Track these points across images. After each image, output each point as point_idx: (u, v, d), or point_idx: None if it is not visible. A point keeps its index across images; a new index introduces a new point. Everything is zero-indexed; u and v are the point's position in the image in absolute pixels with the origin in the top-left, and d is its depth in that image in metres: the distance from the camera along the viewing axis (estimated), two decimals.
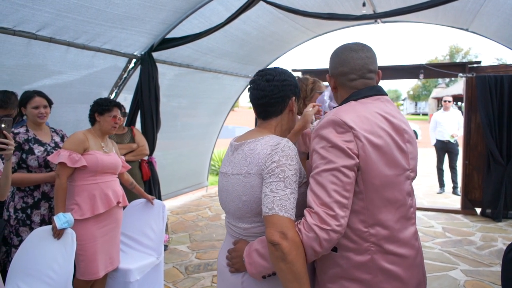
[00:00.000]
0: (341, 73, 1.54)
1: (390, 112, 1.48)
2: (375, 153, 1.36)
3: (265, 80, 1.59)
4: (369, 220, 1.40)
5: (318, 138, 1.40)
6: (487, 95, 5.88)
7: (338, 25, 6.44)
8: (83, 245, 2.84)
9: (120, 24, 3.83)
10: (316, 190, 1.33)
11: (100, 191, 2.93)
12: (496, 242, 5.03)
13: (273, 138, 1.52)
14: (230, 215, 1.64)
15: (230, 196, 1.58)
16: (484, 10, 4.71)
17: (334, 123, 1.38)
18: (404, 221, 1.47)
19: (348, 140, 1.35)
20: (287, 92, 1.60)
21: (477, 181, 6.31)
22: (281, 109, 1.61)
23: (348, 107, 1.47)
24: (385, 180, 1.39)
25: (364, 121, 1.39)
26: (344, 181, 1.32)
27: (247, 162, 1.51)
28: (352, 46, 1.54)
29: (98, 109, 3.00)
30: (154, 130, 4.67)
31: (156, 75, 4.64)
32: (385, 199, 1.40)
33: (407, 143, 1.48)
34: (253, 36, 5.67)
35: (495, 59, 32.83)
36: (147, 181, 4.58)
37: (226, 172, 1.61)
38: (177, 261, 4.49)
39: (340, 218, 1.29)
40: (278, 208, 1.33)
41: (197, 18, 4.54)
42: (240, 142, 1.60)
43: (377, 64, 1.57)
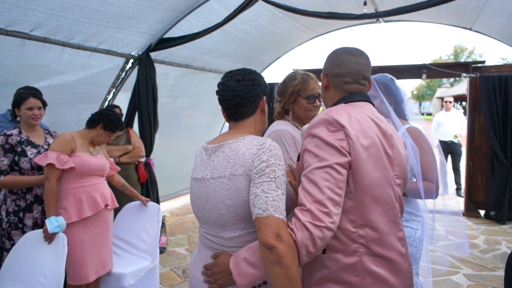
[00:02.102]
0: (336, 74, 1.55)
1: (379, 117, 1.51)
2: (364, 153, 1.37)
3: (235, 80, 1.54)
4: (358, 220, 1.38)
5: (310, 137, 1.39)
6: (491, 95, 5.78)
7: (339, 24, 6.36)
8: (70, 249, 2.77)
9: (116, 24, 3.77)
10: (308, 188, 1.30)
11: (87, 195, 2.87)
12: (500, 245, 4.93)
13: (255, 137, 1.48)
14: (209, 225, 1.54)
15: (210, 203, 1.49)
16: (488, 9, 4.61)
17: (326, 122, 1.39)
18: (393, 225, 1.45)
19: (340, 139, 1.35)
20: (258, 91, 1.56)
21: (480, 183, 6.21)
22: (253, 109, 1.57)
23: (339, 108, 1.47)
24: (374, 181, 1.39)
25: (355, 121, 1.40)
26: (337, 178, 1.31)
27: (230, 163, 1.44)
28: (352, 51, 1.56)
29: (107, 125, 2.96)
30: (152, 131, 4.61)
31: (154, 75, 4.58)
32: (374, 200, 1.40)
33: (393, 148, 1.48)
34: (253, 36, 5.60)
35: (500, 58, 32.59)
36: (145, 183, 4.52)
37: (203, 177, 1.53)
38: (175, 264, 4.42)
39: (334, 215, 1.27)
40: (272, 209, 1.29)
41: (195, 17, 4.47)
42: (218, 144, 1.53)
43: (371, 71, 1.59)
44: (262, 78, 1.62)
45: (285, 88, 2.14)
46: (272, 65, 7.44)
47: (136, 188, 4.33)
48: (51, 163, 2.68)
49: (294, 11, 3.89)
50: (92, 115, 3.00)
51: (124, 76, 4.71)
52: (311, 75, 2.18)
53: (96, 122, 2.96)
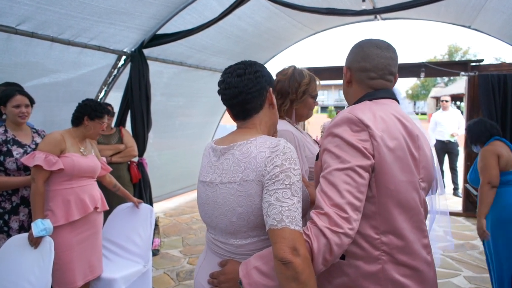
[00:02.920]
0: (361, 69, 1.46)
1: (405, 116, 1.42)
2: (390, 156, 1.28)
3: (236, 76, 1.40)
4: (381, 226, 1.31)
5: (331, 137, 1.31)
6: (490, 94, 5.70)
7: (337, 21, 6.26)
8: (57, 253, 2.64)
9: (107, 19, 3.64)
10: (327, 190, 1.22)
11: (75, 196, 2.75)
12: None
13: (268, 138, 1.35)
14: (218, 231, 1.43)
15: (219, 209, 1.37)
16: (489, 5, 4.53)
17: (349, 121, 1.30)
18: (418, 232, 1.37)
19: (364, 139, 1.27)
20: (262, 84, 1.42)
21: None
22: (260, 104, 1.43)
23: (363, 106, 1.39)
24: (399, 185, 1.30)
25: (380, 121, 1.32)
26: (358, 182, 1.22)
27: (241, 168, 1.32)
28: (379, 43, 1.46)
29: (91, 114, 2.81)
30: (145, 130, 4.48)
31: (147, 73, 4.45)
32: (399, 206, 1.31)
33: (419, 150, 1.39)
34: (249, 33, 5.48)
35: (494, 58, 32.73)
36: (137, 183, 4.39)
37: (212, 181, 1.41)
38: (168, 267, 4.30)
39: (353, 221, 1.19)
40: (288, 220, 1.17)
41: (189, 13, 4.35)
42: (227, 146, 1.40)
43: (397, 66, 1.50)
44: (265, 68, 1.48)
45: (297, 85, 1.99)
46: (268, 63, 7.32)
47: (129, 189, 4.20)
48: (38, 164, 2.55)
49: (291, 7, 3.78)
50: (73, 113, 2.86)
51: (116, 73, 4.57)
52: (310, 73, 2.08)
53: (80, 117, 2.83)
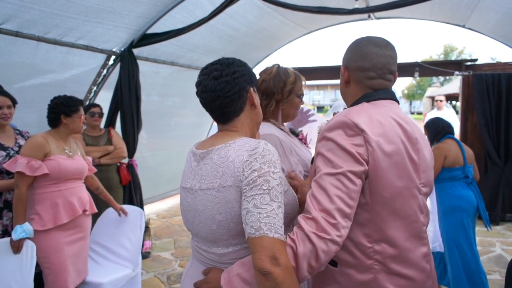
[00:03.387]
0: (359, 68, 1.40)
1: (404, 118, 1.36)
2: (386, 161, 1.23)
3: (212, 78, 1.32)
4: (374, 234, 1.26)
5: (324, 140, 1.27)
6: (484, 94, 5.67)
7: (330, 21, 6.21)
8: (47, 257, 2.58)
9: (94, 18, 3.57)
10: (317, 195, 1.18)
11: (63, 199, 2.67)
12: (494, 247, 4.82)
13: (247, 141, 1.27)
14: (200, 239, 1.37)
15: (199, 216, 1.31)
16: (482, 4, 4.49)
17: (344, 124, 1.25)
18: (415, 240, 1.32)
19: (358, 144, 1.22)
20: (241, 84, 1.34)
21: None
22: (240, 106, 1.36)
23: (360, 108, 1.34)
24: (395, 192, 1.25)
25: (377, 125, 1.27)
26: (349, 188, 1.18)
27: (219, 173, 1.25)
28: (377, 41, 1.40)
29: (66, 111, 2.72)
30: (135, 131, 4.41)
31: (137, 73, 4.38)
32: (394, 213, 1.27)
33: (418, 154, 1.34)
34: (241, 32, 5.42)
35: (489, 58, 32.82)
36: (127, 185, 4.32)
37: (192, 187, 1.35)
38: (159, 270, 4.23)
39: (341, 228, 1.14)
40: (266, 228, 1.12)
41: (179, 12, 4.28)
42: (206, 150, 1.34)
43: (397, 65, 1.44)
44: (245, 66, 1.39)
45: (283, 84, 1.90)
46: (262, 62, 7.26)
47: (118, 191, 4.14)
48: (20, 171, 2.48)
49: (282, 6, 3.72)
50: (47, 116, 2.76)
51: (105, 73, 4.50)
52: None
53: (56, 118, 2.73)
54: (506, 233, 5.35)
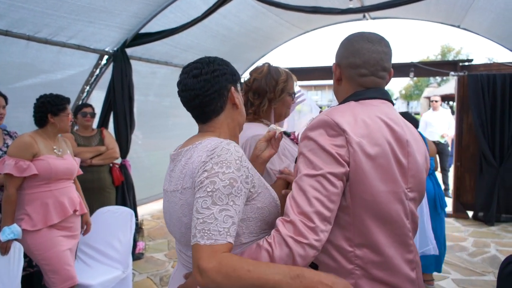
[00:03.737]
0: (351, 65, 1.33)
1: (394, 119, 1.28)
2: (368, 164, 1.17)
3: (192, 77, 1.30)
4: (355, 238, 1.21)
5: (306, 140, 1.22)
6: (479, 95, 5.66)
7: (326, 21, 6.19)
8: (43, 253, 2.55)
9: (86, 17, 3.54)
10: (296, 197, 1.14)
11: (54, 199, 2.64)
12: (488, 248, 4.81)
13: (212, 141, 1.23)
14: (177, 241, 1.36)
15: (172, 219, 1.30)
16: (477, 4, 4.47)
17: (325, 124, 1.20)
18: (400, 247, 1.26)
19: (339, 145, 1.17)
20: (222, 83, 1.31)
21: (469, 184, 6.10)
22: (220, 105, 1.33)
23: (345, 107, 1.27)
24: (378, 196, 1.19)
25: (361, 125, 1.20)
26: (329, 190, 1.13)
27: (183, 174, 1.23)
28: (370, 36, 1.33)
29: (52, 110, 2.68)
30: (128, 131, 4.38)
31: (130, 72, 4.35)
32: (378, 218, 1.21)
33: (408, 157, 1.27)
34: (235, 32, 5.39)
35: (486, 58, 32.89)
36: (120, 186, 4.28)
37: (166, 189, 1.33)
38: (152, 271, 4.20)
39: (320, 232, 1.09)
40: (199, 235, 1.05)
41: (173, 11, 4.25)
42: (176, 152, 1.32)
43: (391, 61, 1.37)
44: (227, 65, 1.36)
45: (274, 83, 1.86)
46: (257, 62, 7.23)
47: (111, 192, 4.11)
48: (8, 173, 2.45)
49: (276, 5, 3.70)
50: (34, 115, 2.72)
51: (98, 73, 4.46)
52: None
53: (43, 117, 2.69)
54: (501, 234, 5.34)
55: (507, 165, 5.61)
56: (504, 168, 5.62)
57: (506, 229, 5.55)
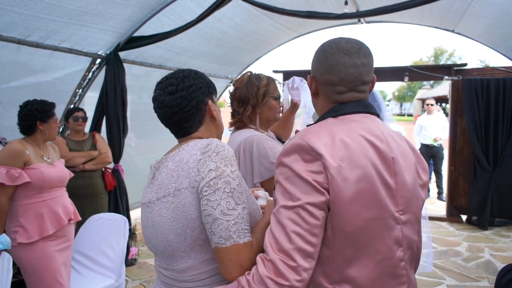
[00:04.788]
0: (326, 82, 1.20)
1: (378, 135, 1.14)
2: (349, 190, 1.05)
3: (168, 94, 1.28)
4: (335, 275, 1.09)
5: (281, 167, 1.11)
6: (473, 99, 5.68)
7: (320, 24, 6.18)
8: (37, 269, 2.50)
9: (78, 21, 3.48)
10: (275, 232, 1.04)
11: (48, 209, 2.59)
12: (483, 253, 4.82)
13: (199, 141, 1.23)
14: (160, 256, 1.30)
15: (157, 229, 1.25)
16: (472, 10, 4.48)
17: (299, 148, 1.08)
18: (388, 279, 1.13)
19: (317, 171, 1.05)
20: (199, 98, 1.30)
21: (463, 187, 6.12)
22: (199, 120, 1.32)
23: (321, 127, 1.15)
24: (360, 225, 1.07)
25: (340, 146, 1.08)
26: (310, 223, 1.02)
27: (174, 177, 1.20)
28: (347, 48, 1.18)
29: (42, 117, 2.62)
30: (121, 135, 4.33)
31: (123, 76, 4.30)
32: (359, 250, 1.08)
33: (395, 177, 1.13)
34: (230, 35, 5.36)
35: (479, 61, 33.17)
36: (113, 191, 4.23)
37: (150, 200, 1.29)
38: (145, 277, 4.15)
39: (302, 271, 1.00)
40: (236, 236, 1.08)
41: (166, 15, 4.21)
42: (160, 160, 1.31)
43: (373, 70, 1.24)
44: (202, 77, 1.34)
45: (256, 88, 1.94)
46: (252, 65, 7.21)
47: (103, 197, 4.05)
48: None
49: (271, 10, 3.68)
50: (20, 123, 2.64)
51: (91, 76, 4.40)
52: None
53: (31, 125, 2.62)
54: (495, 238, 5.35)
55: (501, 169, 5.63)
56: (498, 172, 5.64)
57: (499, 233, 5.57)
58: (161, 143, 6.46)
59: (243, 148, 1.79)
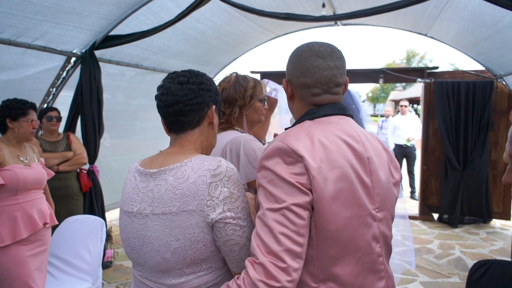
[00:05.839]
0: (301, 85, 1.24)
1: (354, 136, 1.19)
2: (329, 190, 1.09)
3: (177, 83, 1.26)
4: (320, 274, 1.12)
5: (263, 170, 1.13)
6: (444, 101, 5.87)
7: (298, 26, 6.23)
8: (9, 274, 2.42)
9: (52, 18, 3.39)
10: (262, 235, 1.05)
11: (22, 212, 2.51)
12: (453, 250, 4.98)
13: (205, 159, 1.21)
14: (147, 269, 1.26)
15: (150, 244, 1.21)
16: (444, 15, 4.62)
17: (281, 151, 1.11)
18: (368, 275, 1.17)
19: (299, 173, 1.08)
20: (205, 98, 1.29)
21: (434, 187, 6.31)
22: (198, 119, 1.29)
23: (300, 129, 1.18)
24: (341, 224, 1.11)
25: (319, 148, 1.11)
26: (296, 224, 1.04)
27: (177, 195, 1.16)
28: (320, 51, 1.22)
29: (11, 114, 2.54)
30: (96, 136, 4.24)
31: (99, 75, 4.21)
32: (342, 248, 1.12)
33: (371, 175, 1.18)
34: (208, 35, 5.34)
35: (449, 64, 34.20)
36: (88, 192, 4.14)
37: (141, 211, 1.23)
38: (122, 280, 4.09)
39: (292, 272, 1.02)
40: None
41: (144, 14, 4.15)
42: (157, 170, 1.24)
43: (345, 73, 1.28)
44: (213, 83, 1.34)
45: (243, 90, 1.92)
46: (228, 66, 7.20)
47: (78, 199, 3.97)
48: None
49: (250, 11, 3.69)
50: None
51: (65, 75, 4.29)
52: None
53: (2, 122, 2.55)
54: (465, 236, 5.54)
55: (470, 169, 5.84)
56: (467, 172, 5.85)
57: (469, 231, 5.77)
58: (137, 143, 6.39)
59: (229, 149, 1.79)
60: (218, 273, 1.24)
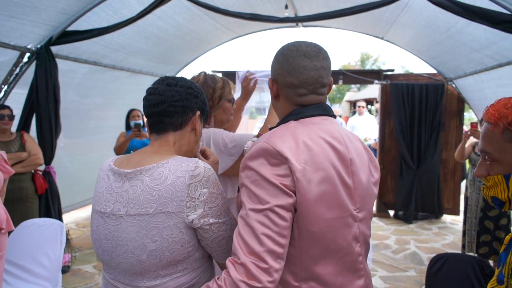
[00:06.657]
0: (288, 84, 1.23)
1: (337, 137, 1.20)
2: (313, 192, 1.10)
3: (165, 84, 1.28)
4: (301, 273, 1.14)
5: (247, 170, 1.13)
6: (400, 102, 6.13)
7: (260, 26, 6.27)
8: None
9: (6, 11, 3.21)
10: (244, 235, 1.05)
11: None
12: (409, 245, 5.21)
13: (182, 160, 1.20)
14: (119, 272, 1.23)
15: (124, 246, 1.18)
16: (401, 20, 4.83)
17: (266, 152, 1.11)
18: (348, 274, 1.20)
19: (283, 175, 1.08)
20: (191, 102, 1.30)
21: (390, 185, 6.56)
22: (181, 122, 1.29)
23: (284, 130, 1.18)
24: (324, 225, 1.12)
25: (303, 149, 1.12)
26: (279, 225, 1.05)
27: (154, 196, 1.14)
28: (307, 51, 1.21)
29: None
30: (53, 135, 4.06)
31: (55, 72, 4.03)
32: (324, 249, 1.14)
33: (353, 176, 1.20)
34: (170, 34, 5.25)
35: (401, 66, 35.66)
36: (43, 195, 3.95)
37: (114, 212, 1.20)
38: (81, 285, 3.94)
39: (274, 272, 1.03)
40: None
41: (104, 10, 4.03)
42: (133, 170, 1.21)
43: (331, 73, 1.29)
44: (203, 94, 1.35)
45: (212, 90, 1.90)
46: (190, 65, 7.13)
47: (33, 202, 3.78)
48: None
49: (215, 11, 3.67)
50: None
51: (18, 71, 4.07)
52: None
53: None
54: (419, 231, 5.81)
55: (423, 168, 6.15)
56: (421, 170, 6.15)
57: (422, 226, 6.06)
58: (94, 143, 6.16)
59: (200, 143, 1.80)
60: (194, 274, 1.24)
